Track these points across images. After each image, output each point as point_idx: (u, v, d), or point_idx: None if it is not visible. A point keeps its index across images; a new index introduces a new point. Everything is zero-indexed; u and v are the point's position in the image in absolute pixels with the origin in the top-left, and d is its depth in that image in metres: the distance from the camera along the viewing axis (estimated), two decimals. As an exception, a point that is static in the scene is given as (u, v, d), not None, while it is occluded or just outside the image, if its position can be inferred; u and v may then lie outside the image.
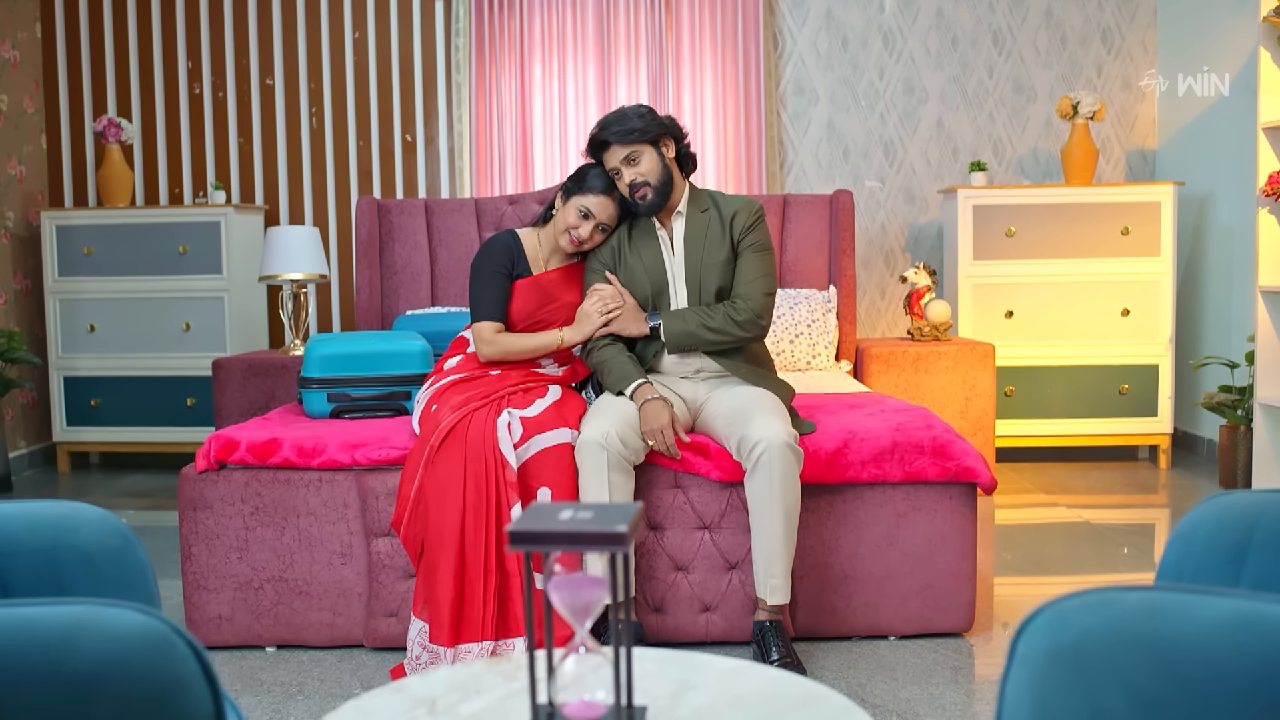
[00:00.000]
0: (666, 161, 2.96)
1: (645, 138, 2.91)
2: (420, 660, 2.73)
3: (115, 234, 5.35)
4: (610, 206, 2.99)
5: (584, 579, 1.18)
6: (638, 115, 2.93)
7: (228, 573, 2.94)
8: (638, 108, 2.97)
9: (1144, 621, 0.91)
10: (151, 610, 1.02)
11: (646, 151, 2.92)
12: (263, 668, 2.86)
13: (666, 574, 2.91)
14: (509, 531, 1.11)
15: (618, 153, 2.92)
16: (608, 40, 5.60)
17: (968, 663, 2.83)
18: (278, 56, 5.74)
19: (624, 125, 2.91)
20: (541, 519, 1.14)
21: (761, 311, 2.95)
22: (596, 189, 2.98)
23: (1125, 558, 3.79)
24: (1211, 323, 5.24)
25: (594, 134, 2.96)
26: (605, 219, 3.00)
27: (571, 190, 3.01)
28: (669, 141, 2.98)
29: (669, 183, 2.96)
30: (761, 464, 2.68)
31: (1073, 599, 0.96)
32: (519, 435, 2.79)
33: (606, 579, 1.17)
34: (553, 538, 1.11)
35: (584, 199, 2.98)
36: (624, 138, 2.90)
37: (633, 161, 2.91)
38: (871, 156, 5.69)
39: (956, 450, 2.89)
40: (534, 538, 1.11)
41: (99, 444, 5.49)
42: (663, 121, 2.97)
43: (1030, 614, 0.98)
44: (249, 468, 2.95)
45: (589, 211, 2.98)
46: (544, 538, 1.11)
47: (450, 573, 2.69)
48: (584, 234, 2.99)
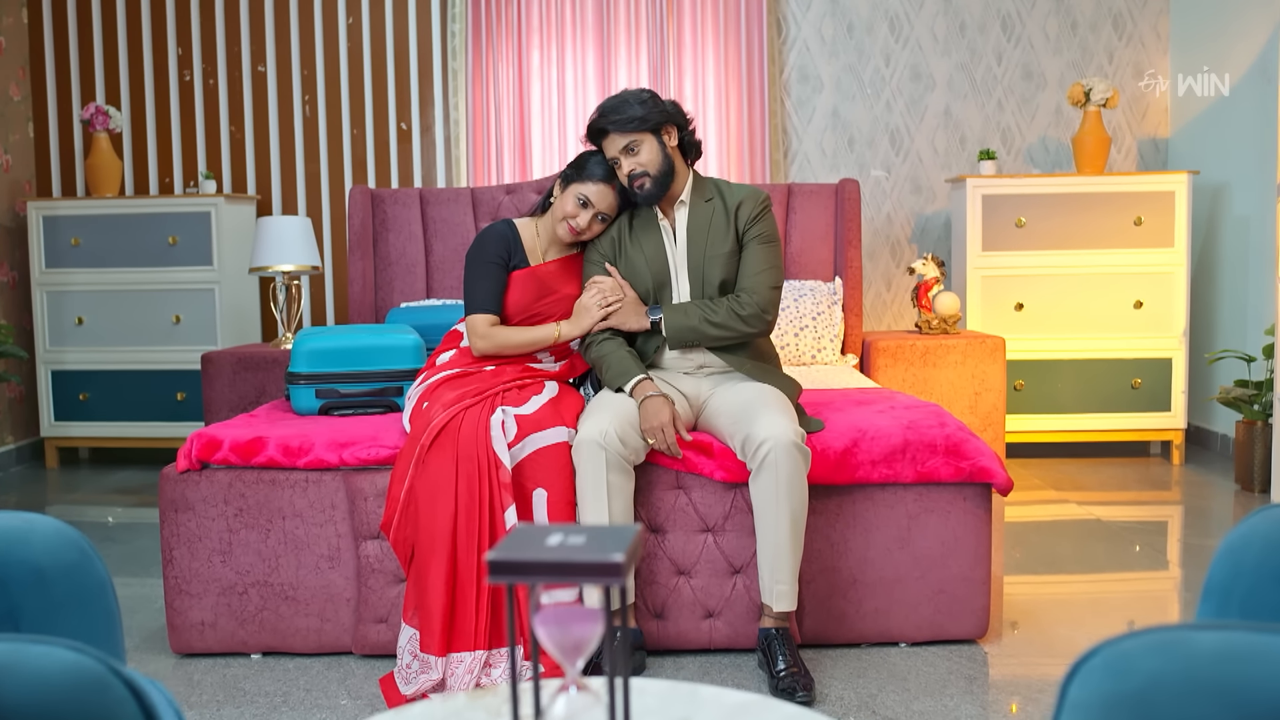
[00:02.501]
0: (668, 150, 2.82)
1: (645, 126, 2.77)
2: (411, 669, 2.61)
3: (103, 224, 5.24)
4: (610, 195, 2.87)
5: (575, 612, 1.03)
6: (639, 102, 2.79)
7: (210, 577, 2.82)
8: (639, 93, 2.83)
9: (1219, 667, 0.79)
10: (84, 648, 0.90)
11: (647, 140, 2.79)
12: (247, 676, 2.75)
13: (668, 578, 2.79)
14: (488, 561, 0.97)
15: (617, 141, 2.79)
16: (607, 25, 5.47)
17: (982, 671, 2.71)
18: (270, 43, 5.61)
19: (623, 113, 2.77)
20: (526, 546, 0.99)
21: (767, 306, 2.82)
22: (596, 176, 2.85)
23: (1138, 556, 3.69)
24: (1226, 315, 5.11)
25: (593, 120, 2.82)
26: (604, 208, 2.87)
27: (571, 178, 2.89)
28: (671, 129, 2.84)
29: (669, 173, 2.82)
30: (767, 464, 2.56)
31: (1134, 639, 0.83)
32: (513, 434, 2.68)
33: (602, 611, 1.02)
34: (539, 568, 0.96)
35: (583, 187, 2.85)
36: (623, 126, 2.76)
37: (632, 151, 2.78)
38: (877, 145, 5.56)
39: (971, 449, 2.77)
40: (518, 568, 0.96)
41: (88, 439, 5.38)
42: (665, 108, 2.83)
43: (1085, 654, 0.86)
44: (232, 467, 2.83)
45: (588, 200, 2.86)
46: (529, 568, 0.96)
47: (441, 578, 2.57)
48: (582, 223, 2.87)
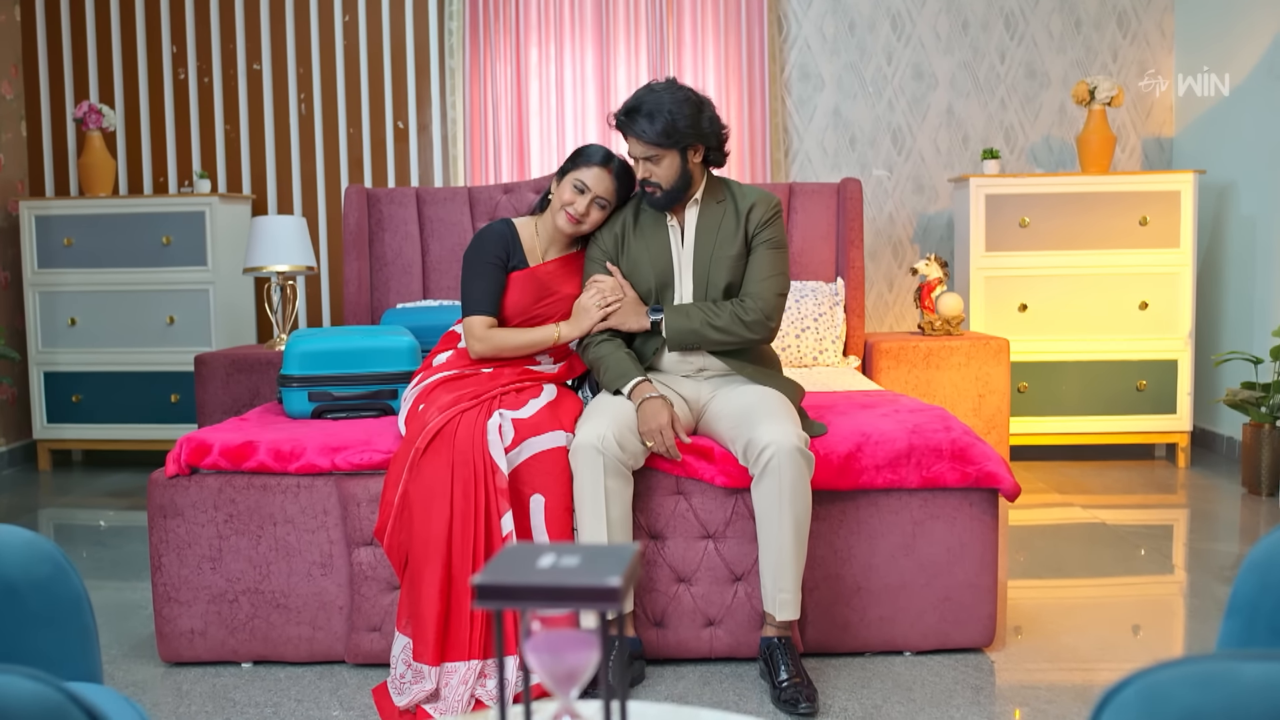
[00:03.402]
0: (689, 166, 2.72)
1: (673, 145, 2.67)
2: (404, 679, 2.55)
3: (97, 224, 5.17)
4: (607, 179, 2.80)
5: (568, 638, 0.96)
6: (680, 114, 2.63)
7: (200, 584, 2.75)
8: (681, 103, 2.65)
9: (1267, 700, 0.73)
10: (42, 675, 0.84)
11: (670, 156, 2.69)
12: (237, 686, 2.69)
13: (667, 586, 2.73)
14: (474, 585, 0.90)
15: (638, 147, 2.70)
16: (606, 23, 5.41)
17: (989, 681, 2.65)
18: (265, 41, 5.55)
19: (655, 125, 2.64)
20: (515, 568, 0.92)
21: (771, 312, 2.75)
22: (592, 161, 2.79)
23: (1143, 561, 3.63)
24: (1232, 317, 5.05)
25: (621, 114, 2.70)
26: (602, 192, 2.81)
27: (567, 169, 2.84)
28: (699, 148, 2.74)
29: (684, 188, 2.74)
30: (770, 470, 2.49)
31: (1172, 669, 0.77)
32: (510, 439, 2.61)
33: (598, 636, 0.96)
34: (530, 593, 0.89)
35: (578, 173, 2.80)
36: (650, 138, 2.65)
37: (652, 161, 2.70)
38: (879, 144, 5.50)
39: (977, 454, 2.71)
40: (507, 592, 0.89)
41: (81, 441, 5.31)
42: (701, 128, 2.68)
43: (1117, 685, 0.80)
44: (222, 472, 2.76)
45: (584, 185, 2.79)
46: (519, 592, 0.89)
47: (436, 586, 2.51)
48: (580, 208, 2.80)
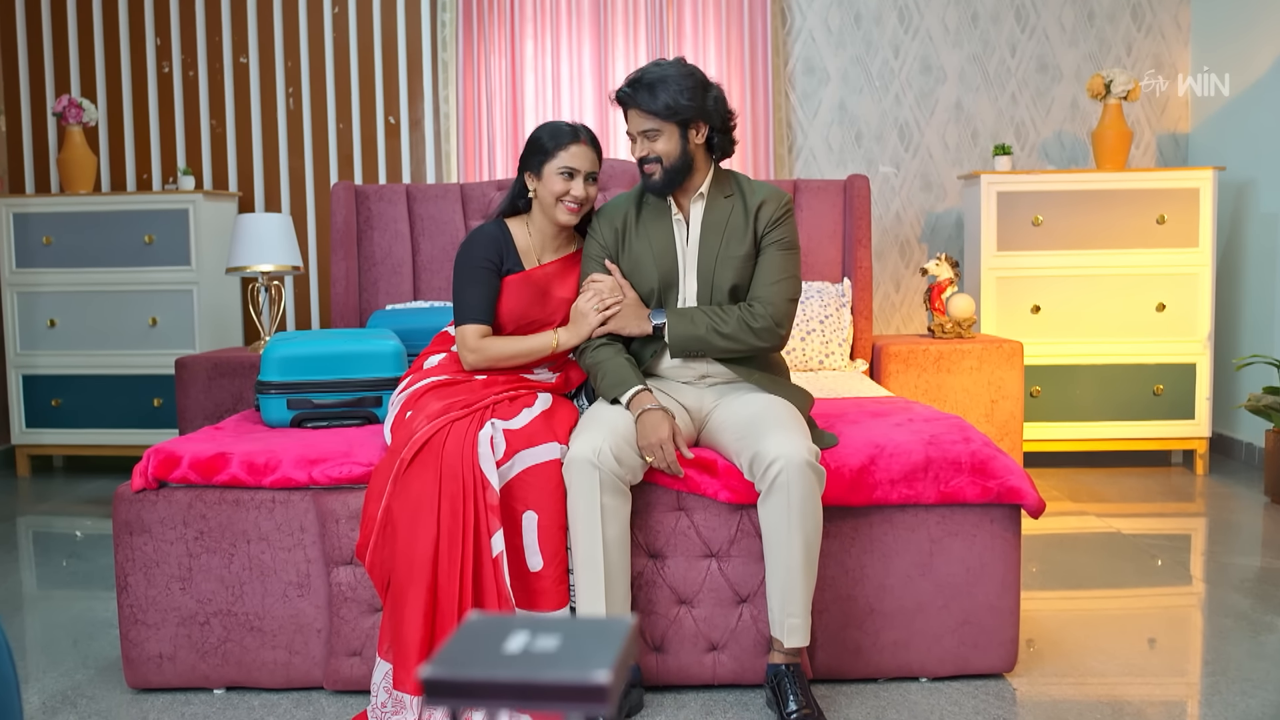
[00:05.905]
0: (690, 146, 2.57)
1: (674, 118, 2.53)
2: (385, 708, 2.38)
3: (77, 222, 5.00)
4: (587, 151, 2.65)
5: None
6: (681, 89, 2.51)
7: (169, 606, 2.58)
8: (685, 75, 2.54)
9: None
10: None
11: (670, 130, 2.54)
12: (209, 714, 2.51)
13: (668, 608, 2.55)
14: (423, 679, 0.68)
15: (637, 120, 2.55)
16: (604, 14, 5.24)
17: (1011, 710, 2.47)
18: (252, 33, 5.38)
19: (657, 96, 2.51)
20: (475, 655, 0.70)
21: (782, 319, 2.58)
22: (566, 140, 2.63)
23: (1160, 571, 3.47)
24: (1253, 319, 4.88)
25: (623, 88, 2.57)
26: (589, 166, 2.65)
27: (540, 161, 2.65)
28: (701, 126, 2.59)
29: (684, 169, 2.58)
30: (778, 485, 2.32)
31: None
32: (503, 451, 2.44)
33: None
34: (491, 690, 0.66)
35: (559, 158, 2.63)
36: (650, 108, 2.52)
37: (650, 136, 2.55)
38: (886, 140, 5.32)
39: (999, 468, 2.53)
40: (463, 689, 0.66)
41: (61, 447, 5.14)
42: (704, 105, 2.56)
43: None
44: (192, 486, 2.59)
45: (572, 169, 2.63)
46: (478, 689, 0.66)
47: (420, 609, 2.34)
48: (579, 193, 2.63)
